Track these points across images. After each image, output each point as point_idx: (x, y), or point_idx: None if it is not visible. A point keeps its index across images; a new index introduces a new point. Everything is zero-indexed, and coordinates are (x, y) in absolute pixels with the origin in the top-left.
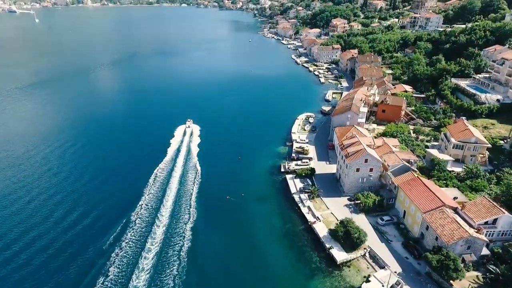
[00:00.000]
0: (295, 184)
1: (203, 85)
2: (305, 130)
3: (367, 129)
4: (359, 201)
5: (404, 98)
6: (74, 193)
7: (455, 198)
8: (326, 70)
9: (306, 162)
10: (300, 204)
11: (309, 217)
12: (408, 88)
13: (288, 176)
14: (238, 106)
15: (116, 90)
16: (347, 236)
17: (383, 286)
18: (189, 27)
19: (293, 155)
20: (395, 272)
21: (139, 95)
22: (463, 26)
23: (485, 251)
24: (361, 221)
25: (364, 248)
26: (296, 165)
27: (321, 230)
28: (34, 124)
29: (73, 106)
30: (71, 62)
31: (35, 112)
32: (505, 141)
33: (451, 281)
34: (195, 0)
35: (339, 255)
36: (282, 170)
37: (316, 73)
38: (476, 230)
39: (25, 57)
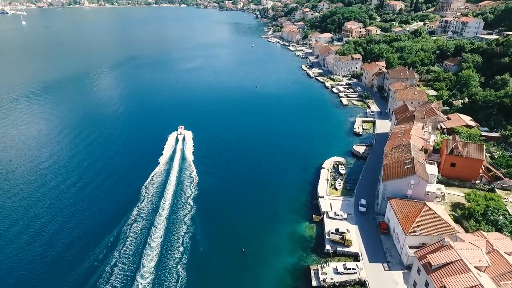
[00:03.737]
0: None
1: (198, 108)
2: (336, 189)
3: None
4: None
5: (484, 145)
6: (57, 205)
7: None
8: (347, 86)
9: (353, 269)
10: None
11: None
12: (468, 120)
13: None
14: (241, 148)
15: (105, 102)
16: None
17: None
18: (188, 28)
19: (328, 246)
20: None
21: (121, 119)
22: None
23: None
24: None
25: None
26: (336, 272)
27: None
28: (19, 138)
29: (61, 116)
30: (54, 69)
31: (15, 127)
32: None
33: None
34: (194, 0)
35: None
36: (315, 283)
37: (334, 90)
38: None
39: None
